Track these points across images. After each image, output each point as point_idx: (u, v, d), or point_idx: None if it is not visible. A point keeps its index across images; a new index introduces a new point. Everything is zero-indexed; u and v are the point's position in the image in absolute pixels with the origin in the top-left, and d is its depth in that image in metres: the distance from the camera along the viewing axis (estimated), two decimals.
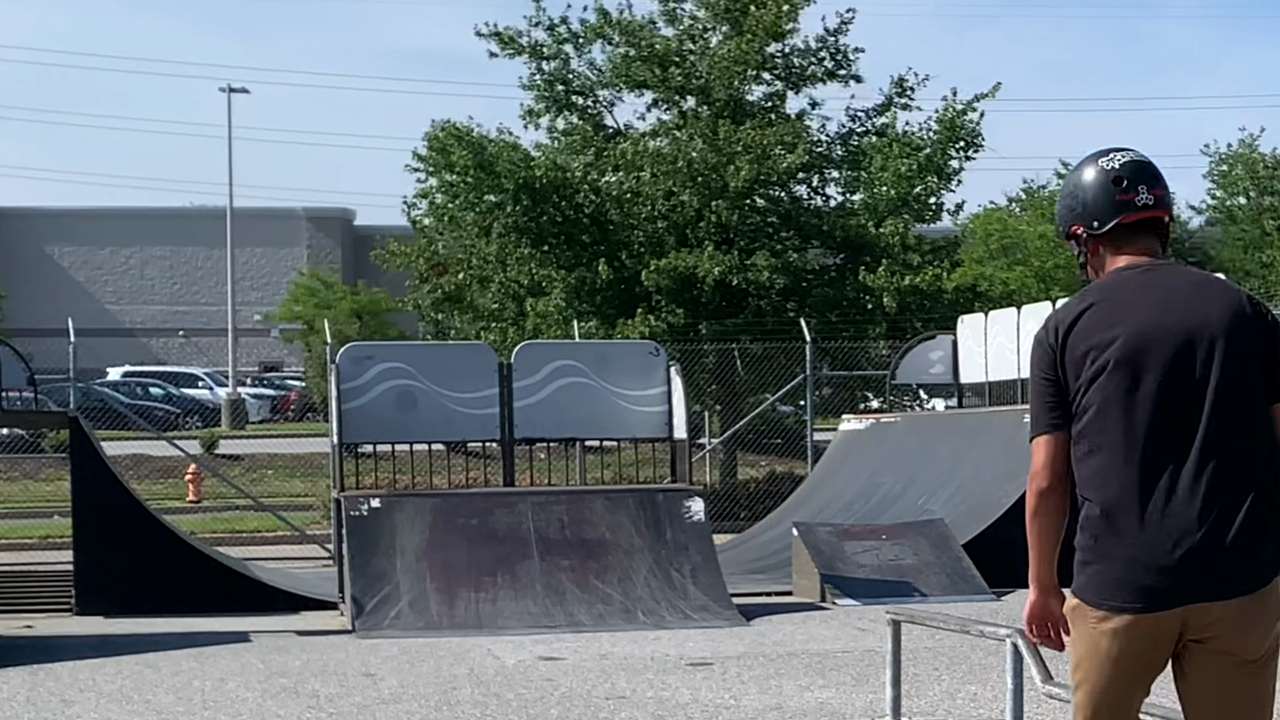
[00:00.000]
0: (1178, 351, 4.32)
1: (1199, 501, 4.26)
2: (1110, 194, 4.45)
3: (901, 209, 27.18)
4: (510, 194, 26.27)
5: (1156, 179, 4.49)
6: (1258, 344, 4.36)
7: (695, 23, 28.32)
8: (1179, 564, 4.27)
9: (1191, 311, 4.35)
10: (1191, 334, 4.33)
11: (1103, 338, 4.35)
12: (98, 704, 10.25)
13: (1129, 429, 4.31)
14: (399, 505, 14.82)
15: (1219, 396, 4.30)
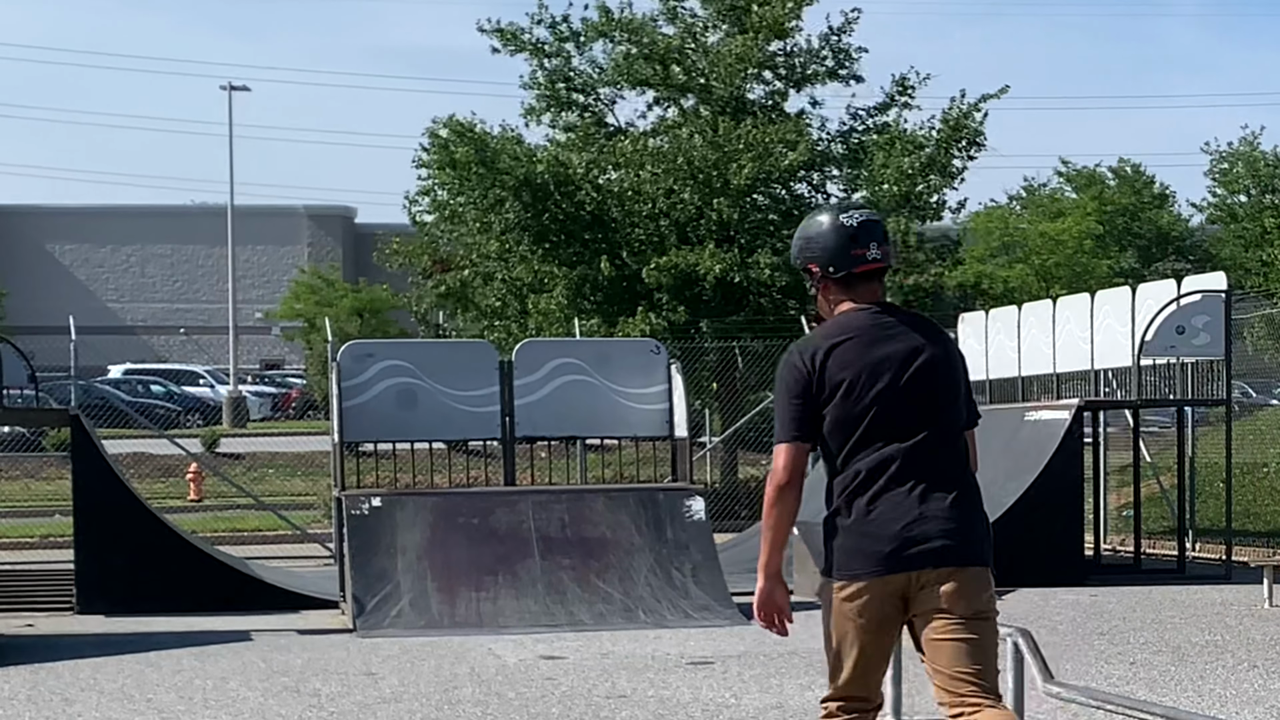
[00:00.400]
0: (905, 376, 5.39)
1: (921, 494, 5.36)
2: (847, 248, 5.45)
3: (903, 207, 27.17)
4: (512, 190, 26.27)
5: (883, 235, 5.52)
6: (959, 373, 5.53)
7: (696, 20, 28.31)
8: (904, 541, 5.34)
9: (914, 345, 5.43)
10: (914, 362, 5.41)
11: (848, 365, 5.39)
12: (99, 703, 10.25)
13: (867, 439, 5.39)
14: (400, 504, 14.82)
15: (935, 413, 5.42)
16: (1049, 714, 9.22)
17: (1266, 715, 9.56)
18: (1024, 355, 19.90)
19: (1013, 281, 43.07)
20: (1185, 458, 19.44)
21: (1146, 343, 17.08)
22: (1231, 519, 17.93)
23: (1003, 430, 18.21)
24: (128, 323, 71.36)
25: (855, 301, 5.50)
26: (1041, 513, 16.53)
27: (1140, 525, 18.96)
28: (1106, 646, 12.34)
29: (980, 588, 5.46)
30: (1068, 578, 16.36)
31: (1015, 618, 13.40)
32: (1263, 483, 21.44)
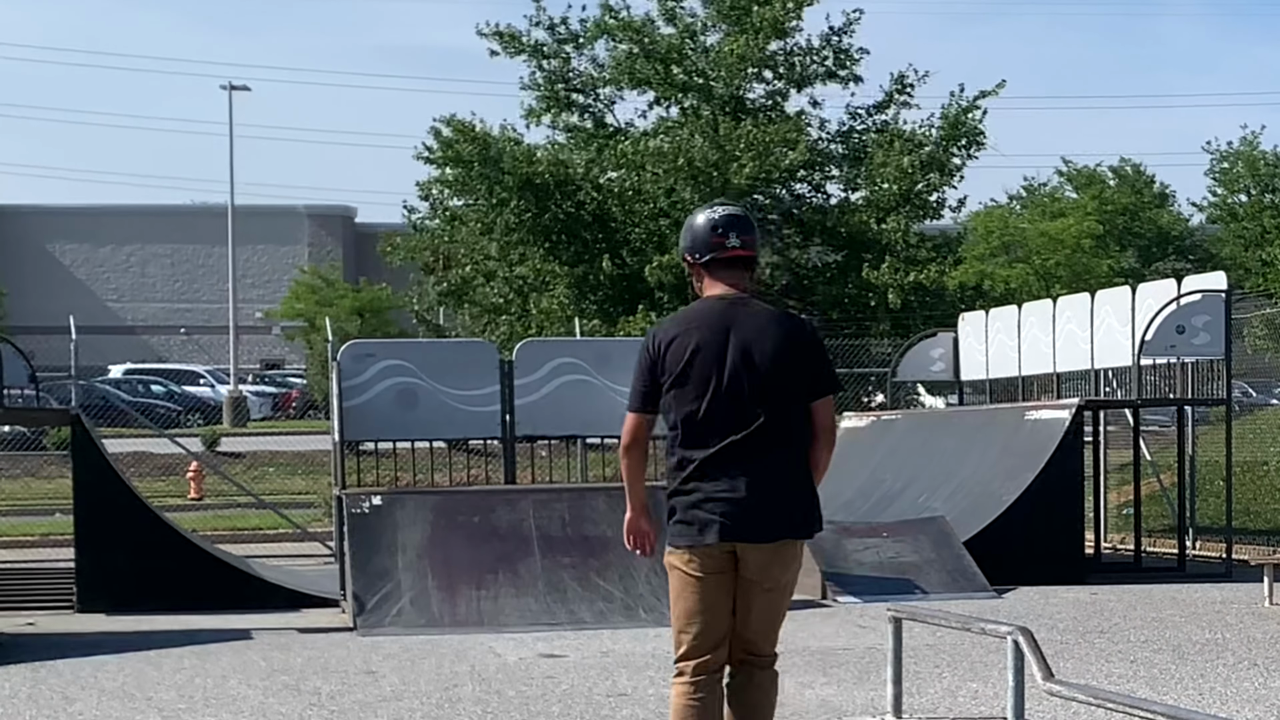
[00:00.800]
0: (748, 359, 5.94)
1: (744, 474, 5.94)
2: (709, 237, 6.11)
3: (903, 205, 27.19)
4: (514, 191, 26.29)
5: (747, 229, 6.14)
6: (803, 358, 6.01)
7: (695, 20, 28.33)
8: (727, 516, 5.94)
9: (763, 335, 6.00)
10: (758, 348, 5.96)
11: (692, 348, 5.96)
12: (99, 701, 10.25)
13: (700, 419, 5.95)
14: (400, 503, 14.82)
15: (779, 402, 5.97)
16: (1049, 712, 9.22)
17: (1267, 714, 9.56)
18: (1024, 355, 19.90)
19: (1013, 281, 43.07)
20: (1185, 456, 19.44)
21: (1147, 342, 17.08)
22: (1232, 517, 17.93)
23: (1003, 429, 18.22)
24: (128, 322, 71.38)
25: (719, 286, 6.13)
26: (1042, 511, 16.54)
27: (1140, 524, 18.95)
28: (1107, 645, 12.34)
29: (790, 559, 6.23)
30: (1068, 576, 16.36)
31: (1015, 616, 13.41)
32: (1263, 481, 21.45)
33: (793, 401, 6.03)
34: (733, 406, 5.94)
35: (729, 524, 5.97)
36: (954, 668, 11.09)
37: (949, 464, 18.71)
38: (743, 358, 5.95)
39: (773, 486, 6.02)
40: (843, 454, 21.18)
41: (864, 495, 19.22)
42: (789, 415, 6.02)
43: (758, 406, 5.96)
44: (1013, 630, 7.72)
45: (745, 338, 5.97)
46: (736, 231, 6.12)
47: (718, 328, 6.00)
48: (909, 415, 22.71)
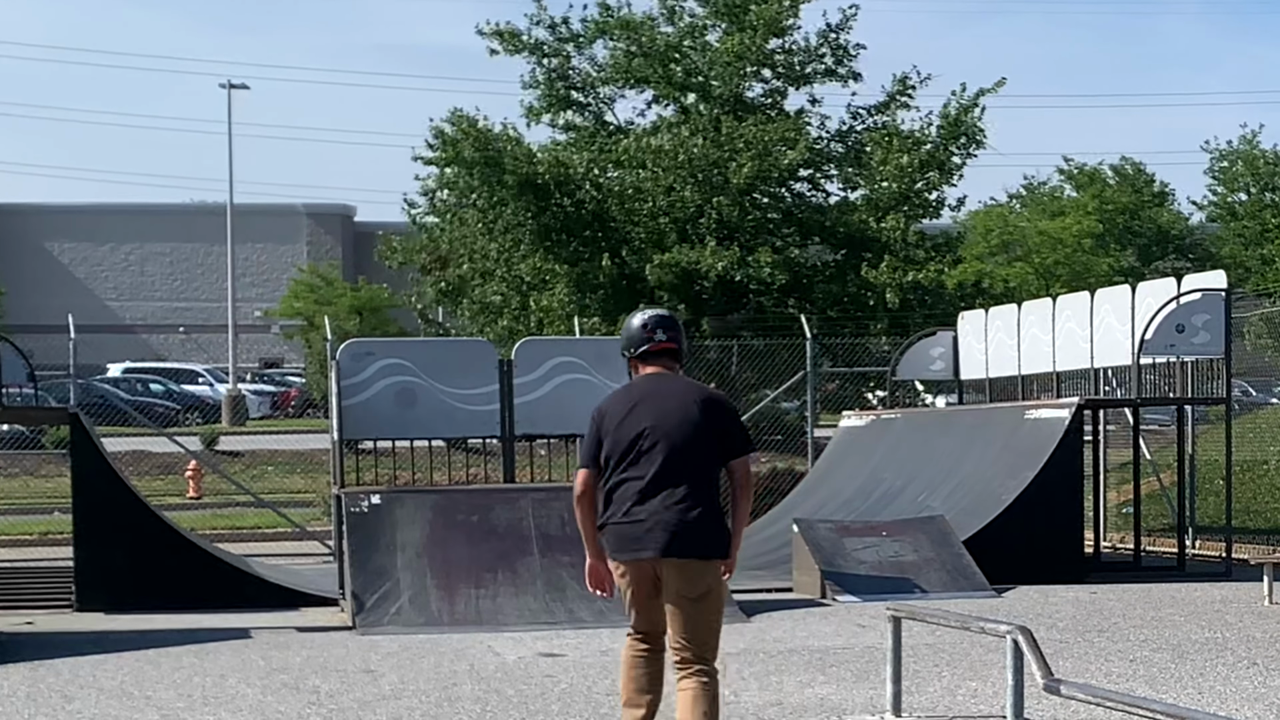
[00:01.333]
0: (670, 425, 7.45)
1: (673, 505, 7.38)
2: (641, 334, 7.68)
3: (903, 204, 27.18)
4: (513, 191, 26.28)
5: (672, 326, 7.69)
6: (717, 423, 7.50)
7: (694, 19, 28.33)
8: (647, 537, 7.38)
9: (680, 403, 7.51)
10: (679, 415, 7.47)
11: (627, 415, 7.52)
12: (98, 700, 10.25)
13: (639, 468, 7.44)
14: (399, 501, 14.81)
15: (690, 453, 7.43)
16: (1049, 711, 9.22)
17: (1267, 712, 9.55)
18: (1024, 354, 19.89)
19: (1013, 280, 43.03)
20: (1185, 455, 19.44)
21: (1146, 341, 17.07)
22: (1231, 516, 17.92)
23: (1003, 428, 18.21)
24: (127, 321, 71.36)
25: (651, 369, 7.69)
26: (1041, 510, 16.54)
27: (1140, 523, 18.95)
28: (1106, 644, 12.33)
29: (698, 575, 7.41)
30: (1068, 575, 16.36)
31: (1015, 615, 13.40)
32: (1263, 480, 21.45)
33: (705, 456, 7.48)
34: (659, 459, 7.44)
35: (648, 541, 7.42)
36: (953, 667, 11.08)
37: (949, 463, 18.71)
38: (667, 421, 7.48)
39: (686, 518, 7.40)
40: (842, 453, 21.32)
41: (863, 494, 19.21)
42: (704, 465, 7.48)
43: (677, 459, 7.43)
44: (1012, 629, 7.71)
45: (670, 405, 7.51)
46: (663, 329, 7.68)
47: (648, 400, 7.57)
48: (909, 414, 22.70)
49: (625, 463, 7.46)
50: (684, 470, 7.40)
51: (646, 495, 7.40)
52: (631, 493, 7.42)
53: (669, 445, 7.41)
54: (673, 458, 7.40)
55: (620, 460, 7.48)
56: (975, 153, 27.66)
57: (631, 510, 7.41)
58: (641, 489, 7.41)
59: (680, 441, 7.42)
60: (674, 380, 7.63)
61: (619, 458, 7.48)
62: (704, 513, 7.39)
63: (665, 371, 7.65)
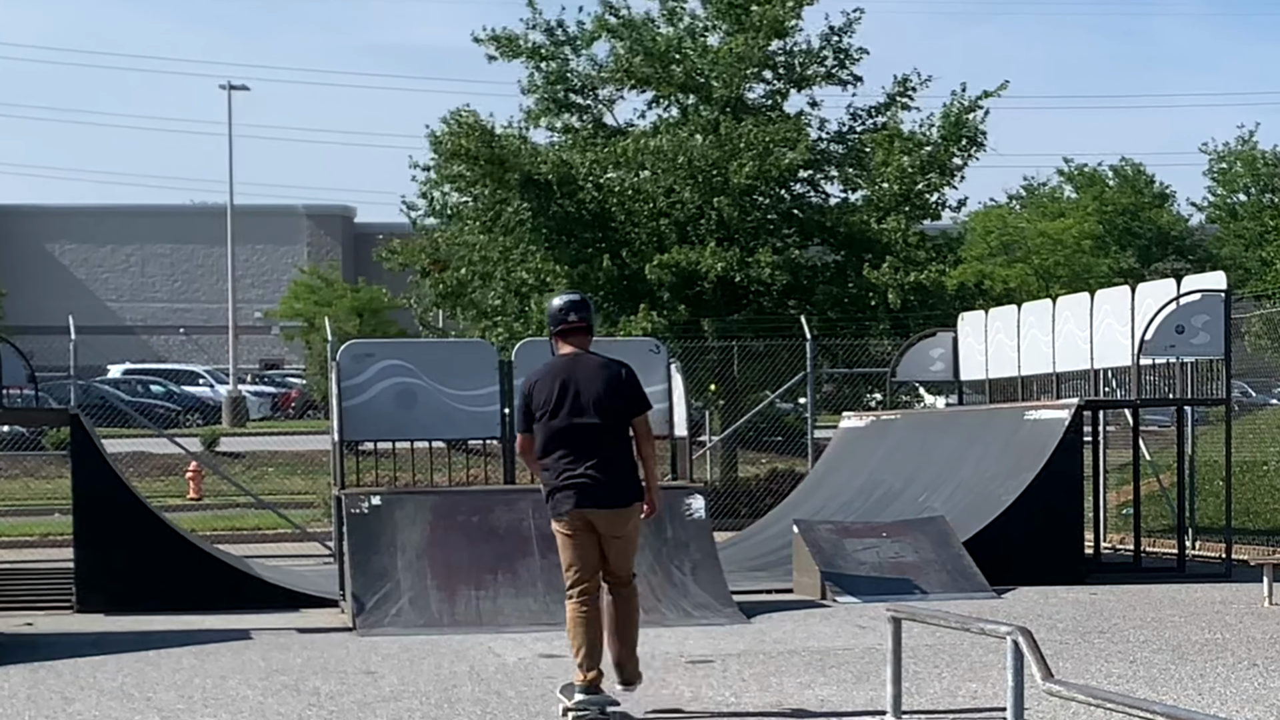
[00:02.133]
0: (584, 394, 9.20)
1: (595, 466, 9.17)
2: (559, 316, 9.46)
3: (903, 205, 27.16)
4: (516, 189, 26.26)
5: (583, 308, 9.50)
6: (622, 391, 9.27)
7: (695, 21, 28.31)
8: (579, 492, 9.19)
9: (592, 374, 9.27)
10: (590, 383, 9.23)
11: (551, 390, 9.26)
12: (98, 701, 10.25)
13: (563, 433, 9.21)
14: (399, 503, 14.82)
15: (604, 418, 9.20)
16: (1049, 712, 9.22)
17: (1267, 714, 9.56)
18: (1024, 355, 19.90)
19: (1012, 281, 43.07)
20: (1185, 456, 19.44)
21: (1146, 342, 17.07)
22: (1231, 517, 17.92)
23: (1003, 429, 18.20)
24: (127, 322, 71.38)
25: (567, 347, 9.43)
26: (1041, 511, 16.54)
27: (1140, 524, 18.96)
28: (1106, 645, 12.34)
29: (623, 519, 9.32)
30: (1067, 576, 16.36)
31: (1015, 616, 13.40)
32: (1263, 481, 21.45)
33: (616, 417, 9.23)
34: (579, 423, 9.15)
35: (582, 499, 9.19)
36: (953, 668, 11.09)
37: (948, 464, 18.71)
38: (582, 392, 9.19)
39: (607, 472, 9.19)
40: (842, 454, 21.32)
41: (863, 495, 19.21)
42: (614, 426, 9.21)
43: (593, 421, 9.16)
44: (1012, 630, 7.71)
45: (582, 378, 9.24)
46: (575, 311, 9.46)
47: (567, 374, 9.27)
48: (909, 415, 22.70)
49: (555, 430, 9.18)
50: (605, 433, 9.18)
51: (577, 459, 9.16)
52: (564, 459, 9.18)
53: (588, 414, 9.16)
54: (592, 425, 9.16)
55: (549, 428, 9.19)
56: (976, 155, 27.63)
57: (564, 474, 9.18)
58: (572, 454, 9.16)
59: (596, 410, 9.17)
60: (587, 358, 9.35)
61: (547, 426, 9.21)
62: (623, 469, 9.24)
63: (579, 350, 9.41)
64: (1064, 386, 19.69)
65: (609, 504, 9.22)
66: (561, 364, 9.35)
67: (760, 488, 25.25)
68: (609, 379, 9.24)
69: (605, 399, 9.19)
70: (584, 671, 9.29)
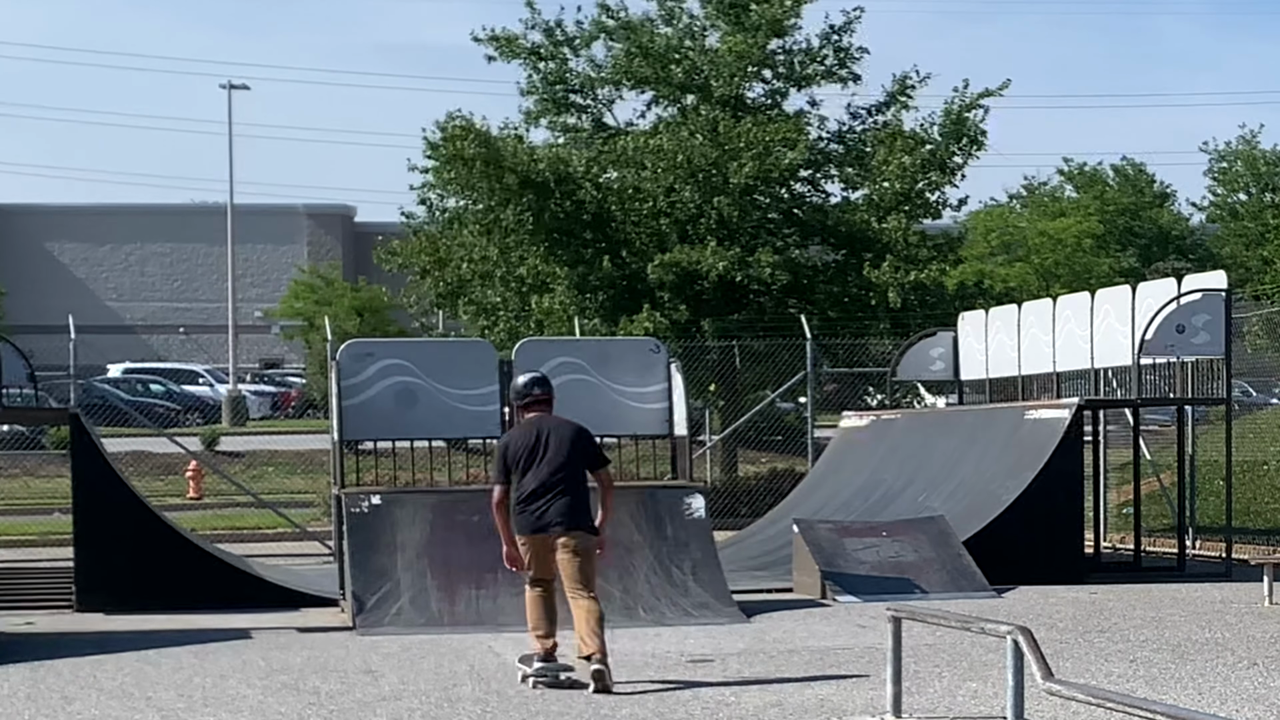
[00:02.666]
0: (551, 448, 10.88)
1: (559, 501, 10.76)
2: (523, 391, 11.26)
3: (904, 205, 27.15)
4: (514, 190, 26.24)
5: (545, 384, 11.30)
6: (582, 445, 11.01)
7: (693, 21, 28.30)
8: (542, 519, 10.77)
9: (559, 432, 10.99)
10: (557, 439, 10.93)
11: (524, 445, 10.94)
12: (98, 701, 10.25)
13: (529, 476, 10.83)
14: (399, 502, 14.81)
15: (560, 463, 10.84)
16: (1049, 712, 9.22)
17: (1267, 713, 9.56)
18: (1024, 354, 19.89)
19: (1013, 280, 43.08)
20: (1185, 456, 19.43)
21: (1147, 342, 17.07)
22: (1232, 517, 17.93)
23: (1003, 429, 18.20)
24: (127, 322, 71.34)
25: (533, 414, 11.17)
26: (1042, 511, 16.53)
27: (1140, 523, 18.96)
28: (1106, 644, 12.34)
29: (583, 541, 10.81)
30: (1068, 575, 16.36)
31: (1015, 616, 13.40)
32: (1263, 480, 21.45)
33: (577, 466, 10.94)
34: (547, 470, 10.83)
35: (542, 524, 10.80)
36: (953, 667, 11.09)
37: (949, 463, 18.71)
38: (550, 446, 10.92)
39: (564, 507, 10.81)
40: (842, 454, 21.32)
41: (864, 495, 19.21)
42: (574, 473, 10.90)
43: (558, 470, 10.84)
44: (1012, 630, 7.71)
45: (549, 436, 10.98)
46: (538, 387, 11.28)
47: (540, 433, 11.03)
48: (909, 415, 22.69)
49: (528, 473, 10.88)
50: (566, 478, 10.86)
51: (542, 493, 10.81)
52: (534, 492, 10.82)
53: (554, 461, 10.86)
54: (557, 470, 10.84)
55: (524, 472, 10.89)
56: (976, 154, 27.61)
57: (534, 503, 10.82)
58: (540, 490, 10.81)
59: (560, 458, 10.88)
60: (552, 418, 11.19)
61: (522, 471, 10.90)
62: (580, 506, 10.90)
63: (544, 414, 11.20)
64: (1064, 386, 19.68)
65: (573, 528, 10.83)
66: (535, 423, 11.14)
67: (760, 487, 25.24)
68: (574, 436, 11.05)
69: (571, 451, 10.94)
70: (542, 642, 10.74)
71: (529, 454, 10.92)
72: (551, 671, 10.65)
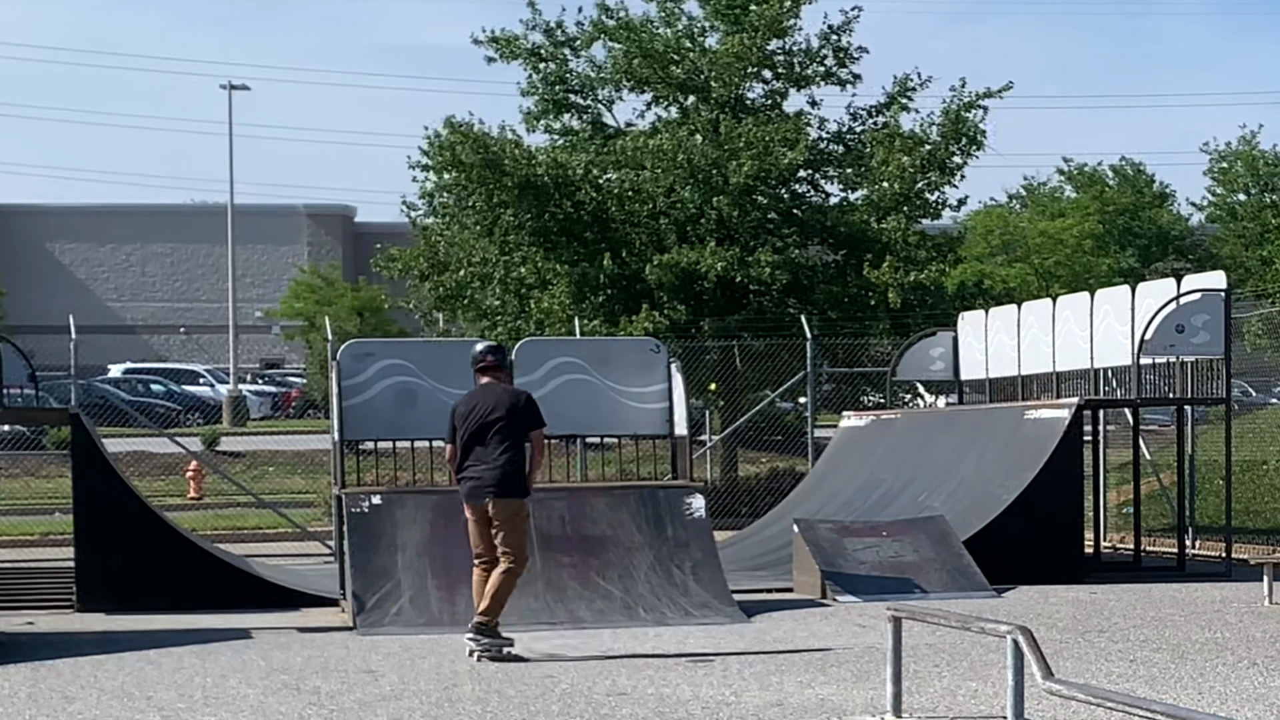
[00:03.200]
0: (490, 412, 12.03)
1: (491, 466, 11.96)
2: (477, 357, 12.45)
3: (903, 204, 27.15)
4: (513, 193, 26.24)
5: (496, 352, 12.56)
6: (519, 410, 12.09)
7: (693, 21, 28.30)
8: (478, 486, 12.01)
9: (498, 399, 12.11)
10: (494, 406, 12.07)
11: (468, 408, 12.16)
12: (99, 701, 10.26)
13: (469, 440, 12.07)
14: (400, 502, 14.82)
15: (503, 429, 11.99)
16: (1049, 711, 9.23)
17: (1267, 713, 9.56)
18: (1024, 354, 19.90)
19: (1012, 280, 43.07)
20: (1185, 455, 19.44)
21: (1146, 341, 17.08)
22: (1231, 516, 17.93)
23: (1003, 429, 18.21)
24: (128, 322, 71.36)
25: (484, 379, 12.35)
26: (1041, 510, 16.54)
27: (1140, 523, 18.96)
28: (1106, 644, 12.35)
29: (504, 507, 11.98)
30: (1067, 575, 16.37)
31: (1015, 615, 13.41)
32: (1263, 480, 21.46)
33: (513, 432, 12.03)
34: (484, 435, 12.02)
35: (479, 491, 12.01)
36: (953, 667, 11.10)
37: (949, 463, 18.71)
38: (489, 412, 12.06)
39: (497, 472, 11.98)
40: (842, 453, 21.33)
41: (864, 494, 19.22)
42: (511, 439, 12.01)
43: (494, 434, 12.01)
44: (1012, 629, 7.72)
45: (491, 403, 12.11)
46: (490, 354, 12.47)
47: (480, 400, 12.19)
48: (909, 415, 22.70)
49: (469, 439, 12.04)
50: (499, 443, 11.98)
51: (480, 460, 11.99)
52: (472, 458, 12.02)
53: (491, 428, 11.98)
54: (493, 436, 11.98)
55: (465, 437, 12.06)
56: (976, 154, 27.61)
57: (470, 470, 12.02)
58: (474, 460, 12.01)
59: (497, 425, 12.00)
60: (496, 387, 12.30)
61: (464, 436, 12.06)
62: (514, 470, 11.99)
63: (492, 381, 12.33)
64: (1064, 386, 19.69)
65: (498, 495, 11.98)
66: (479, 392, 12.32)
67: (760, 487, 25.25)
68: (512, 403, 12.14)
69: (508, 418, 12.04)
70: (489, 617, 11.93)
71: (465, 422, 12.09)
72: (495, 646, 11.89)
